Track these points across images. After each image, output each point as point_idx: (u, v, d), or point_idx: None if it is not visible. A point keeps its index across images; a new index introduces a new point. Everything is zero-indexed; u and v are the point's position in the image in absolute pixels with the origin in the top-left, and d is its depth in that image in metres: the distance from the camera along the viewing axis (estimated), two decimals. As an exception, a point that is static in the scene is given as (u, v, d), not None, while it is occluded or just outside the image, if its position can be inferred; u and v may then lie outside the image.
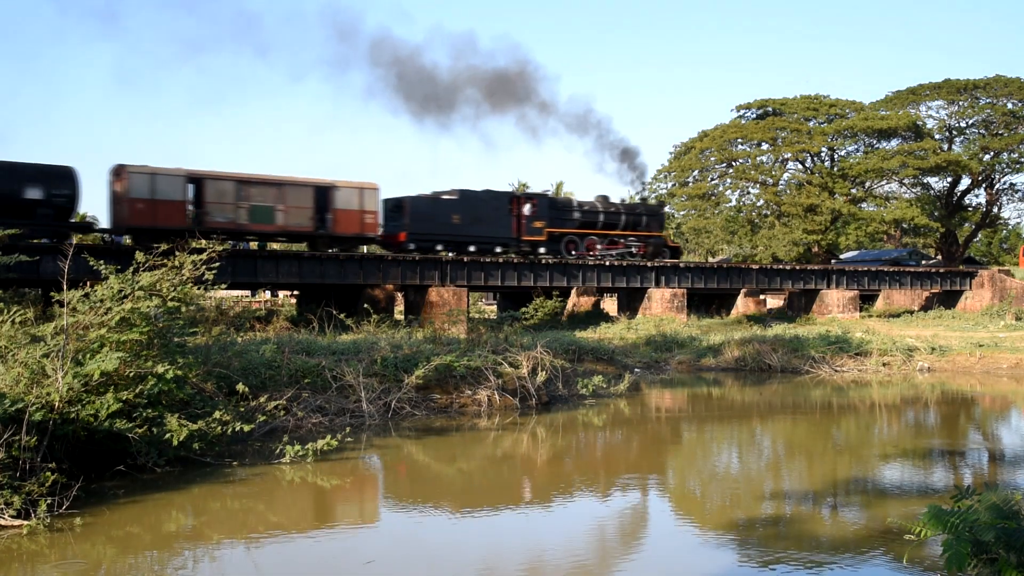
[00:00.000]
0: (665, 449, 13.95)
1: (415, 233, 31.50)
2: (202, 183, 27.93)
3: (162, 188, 27.07)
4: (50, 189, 25.21)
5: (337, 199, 29.92)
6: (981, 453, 13.85)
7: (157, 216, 26.84)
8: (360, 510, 9.90)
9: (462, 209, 32.46)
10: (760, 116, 60.52)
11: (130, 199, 26.64)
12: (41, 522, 8.23)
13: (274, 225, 29.27)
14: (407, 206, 31.62)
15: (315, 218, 29.69)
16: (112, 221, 28.12)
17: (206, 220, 27.63)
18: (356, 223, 30.30)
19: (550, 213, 34.69)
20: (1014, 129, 56.80)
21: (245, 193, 28.50)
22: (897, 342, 24.58)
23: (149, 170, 27.23)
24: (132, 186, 26.69)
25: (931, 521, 5.58)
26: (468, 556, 8.00)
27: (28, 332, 10.83)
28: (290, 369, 14.58)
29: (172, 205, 27.07)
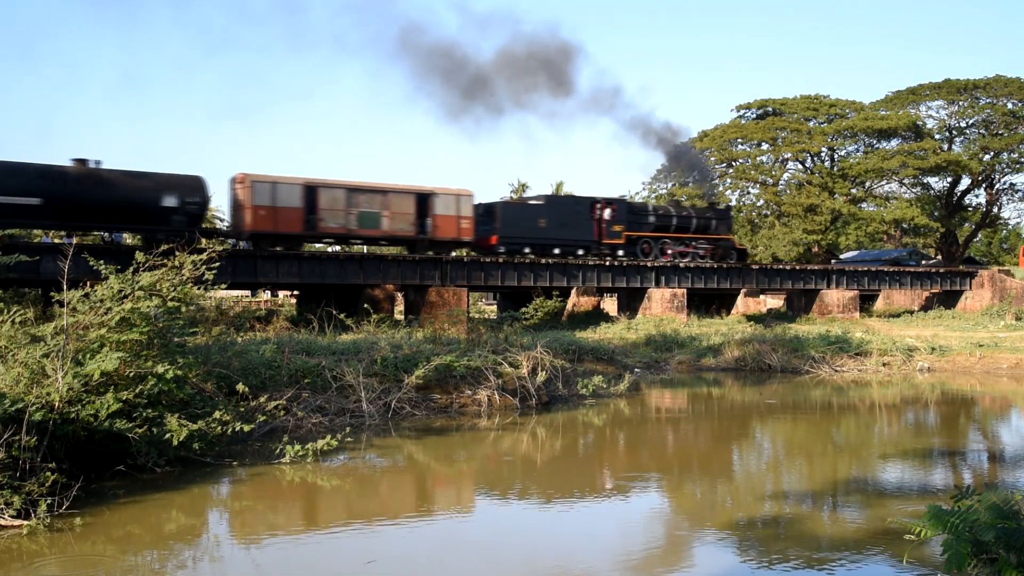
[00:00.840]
0: (665, 449, 13.95)
1: (505, 237, 33.05)
2: (316, 191, 29.48)
3: (282, 196, 28.80)
4: (184, 197, 26.86)
5: (436, 205, 31.68)
6: (981, 453, 13.85)
7: (278, 222, 28.70)
8: (360, 510, 9.89)
9: (548, 214, 34.08)
10: (760, 116, 60.54)
11: (253, 206, 28.28)
12: (41, 522, 8.23)
13: (379, 230, 30.89)
14: (498, 211, 33.36)
15: (416, 223, 31.41)
16: (233, 226, 29.74)
17: (320, 226, 29.53)
18: (453, 228, 32.00)
19: (628, 217, 35.99)
20: (1014, 129, 56.80)
21: (354, 200, 30.15)
22: (897, 342, 24.58)
23: (271, 179, 29.11)
24: (255, 194, 28.36)
25: (931, 521, 5.58)
26: (466, 556, 8.00)
27: (28, 332, 10.83)
28: (290, 369, 14.58)
29: (291, 212, 28.76)
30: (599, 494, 10.84)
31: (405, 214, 31.13)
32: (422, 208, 31.50)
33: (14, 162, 25.14)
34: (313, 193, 29.40)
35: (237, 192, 28.96)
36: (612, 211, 35.71)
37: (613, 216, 35.56)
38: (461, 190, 33.04)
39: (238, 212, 28.99)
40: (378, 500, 10.41)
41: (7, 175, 24.37)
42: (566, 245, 34.50)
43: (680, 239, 37.49)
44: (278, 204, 28.60)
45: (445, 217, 31.83)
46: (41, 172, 25.14)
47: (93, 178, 25.81)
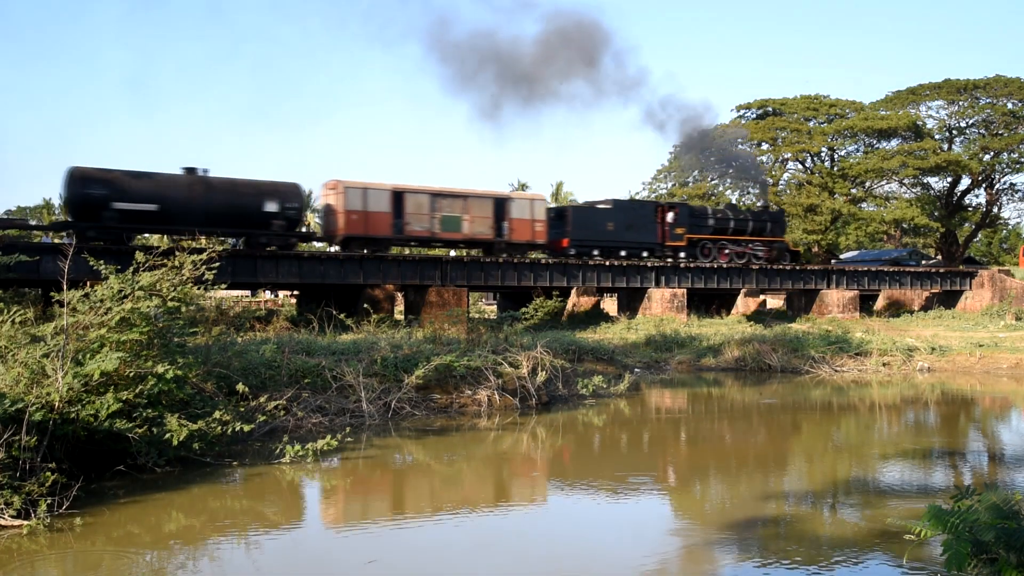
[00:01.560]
0: (664, 449, 13.95)
1: (576, 240, 34.56)
2: (403, 196, 31.07)
3: (372, 201, 30.37)
4: (283, 203, 28.65)
5: (512, 209, 33.26)
6: (981, 453, 13.84)
7: (368, 226, 30.24)
8: (361, 510, 9.89)
9: (615, 217, 35.51)
10: (760, 116, 60.57)
11: (346, 211, 29.82)
12: (41, 522, 8.23)
13: (460, 233, 32.45)
14: (569, 215, 34.87)
15: (495, 227, 33.01)
16: (325, 230, 31.01)
17: (406, 229, 31.10)
18: (528, 231, 33.48)
19: (689, 220, 37.36)
20: (1014, 129, 56.81)
21: (438, 205, 31.72)
22: (897, 342, 24.58)
23: (361, 184, 30.59)
24: (348, 199, 29.89)
25: (931, 521, 5.58)
26: (467, 556, 8.00)
27: (28, 332, 10.83)
28: (290, 369, 14.58)
29: (380, 216, 30.35)
30: (598, 494, 10.84)
31: (484, 218, 32.61)
32: (499, 212, 32.99)
33: (133, 171, 26.88)
34: (400, 198, 30.93)
35: (329, 198, 30.41)
36: (675, 214, 37.12)
37: (675, 219, 36.94)
38: (535, 195, 34.87)
39: (330, 217, 30.32)
40: (378, 500, 10.41)
41: (126, 183, 26.15)
42: (631, 247, 35.91)
43: (737, 241, 38.80)
44: (369, 209, 30.11)
45: (521, 221, 33.26)
46: (155, 180, 26.90)
47: (202, 185, 27.53)
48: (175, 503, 9.52)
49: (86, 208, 25.77)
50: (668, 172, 62.52)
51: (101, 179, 26.06)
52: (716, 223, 38.21)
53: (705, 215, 38.31)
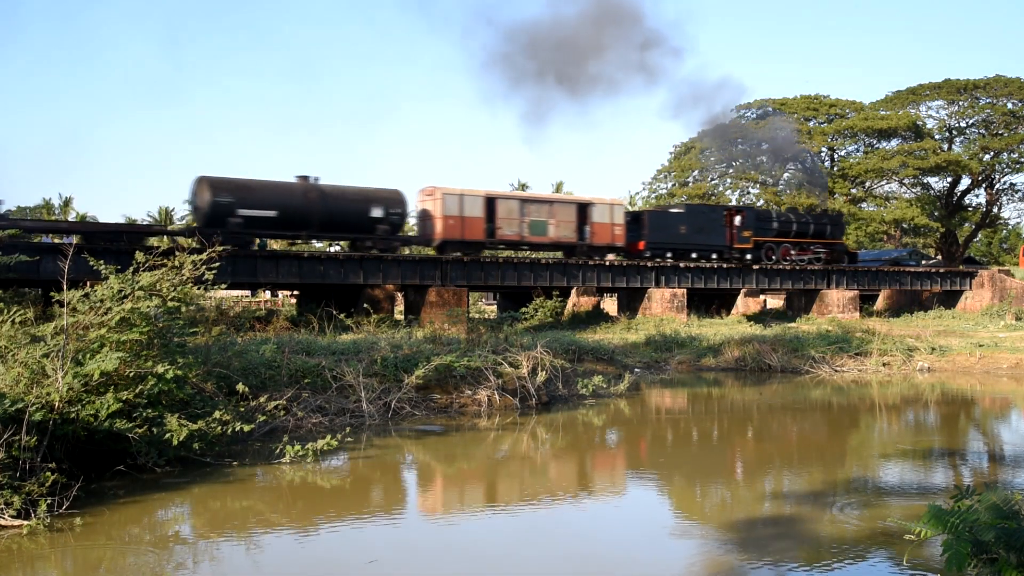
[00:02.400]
0: (664, 449, 13.94)
1: (652, 242, 36.05)
2: (495, 202, 32.90)
3: (468, 207, 32.13)
4: (388, 208, 30.41)
5: (594, 214, 34.82)
6: (981, 453, 13.84)
7: (464, 230, 31.96)
8: (361, 509, 9.89)
9: (688, 221, 36.99)
10: (760, 116, 60.55)
11: (444, 216, 31.57)
12: (41, 522, 8.22)
13: (546, 237, 34.15)
14: (645, 219, 36.48)
15: (577, 231, 34.62)
16: (422, 234, 32.82)
17: (498, 233, 32.77)
18: (608, 235, 35.08)
19: (755, 224, 38.78)
20: (1014, 129, 56.83)
21: (526, 210, 33.50)
22: (897, 342, 24.57)
23: (457, 191, 32.46)
24: (445, 205, 31.60)
25: (931, 521, 5.58)
26: (468, 555, 8.00)
27: (28, 332, 10.83)
28: (290, 369, 14.58)
29: (475, 221, 32.11)
30: (597, 494, 10.84)
31: (568, 222, 34.29)
32: (582, 217, 34.60)
33: (256, 179, 29.03)
34: (492, 204, 32.73)
35: (426, 203, 32.24)
36: (742, 218, 38.63)
37: (742, 223, 38.43)
38: (615, 200, 36.56)
39: (428, 222, 32.13)
40: (379, 500, 10.40)
41: (250, 191, 28.22)
42: (702, 249, 37.33)
43: (799, 243, 40.26)
44: (464, 214, 31.88)
45: (601, 224, 34.90)
46: (275, 188, 28.97)
47: (316, 192, 29.39)
48: (175, 503, 9.52)
49: (214, 214, 27.56)
50: (668, 172, 62.52)
51: (228, 187, 28.00)
52: (779, 226, 39.51)
53: (769, 218, 39.70)
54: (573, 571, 7.60)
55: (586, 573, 7.55)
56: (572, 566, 7.71)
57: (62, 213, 69.90)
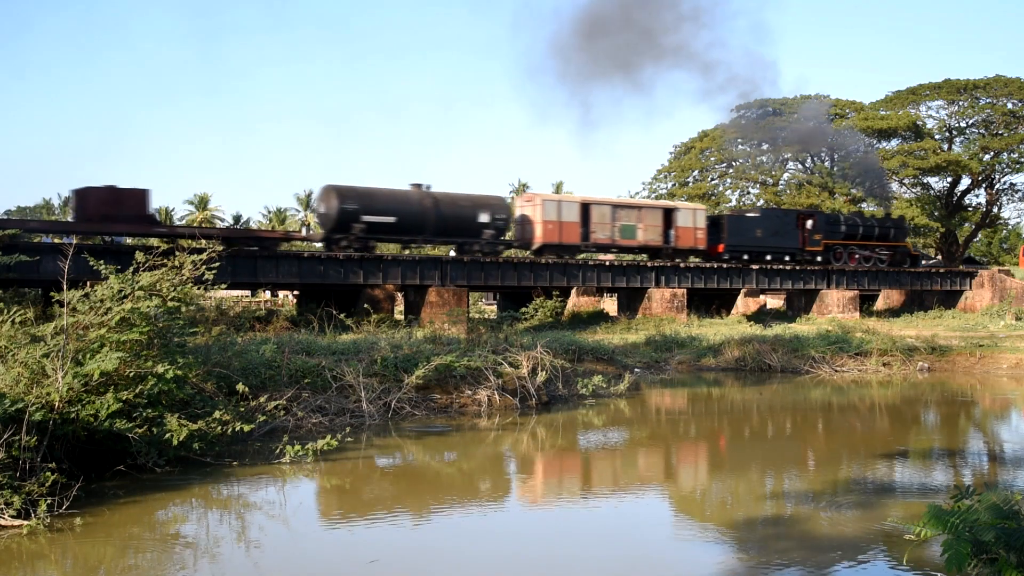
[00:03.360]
0: (664, 449, 13.94)
1: (730, 245, 38.03)
2: (589, 207, 34.82)
3: (565, 212, 34.02)
4: (494, 214, 32.33)
5: (678, 218, 36.82)
6: (981, 453, 13.85)
7: (562, 235, 33.82)
8: (361, 509, 9.89)
9: (763, 224, 38.93)
10: (760, 116, 60.52)
11: (543, 221, 33.45)
12: (41, 522, 8.22)
13: (635, 240, 36.03)
14: (725, 223, 38.35)
15: (663, 234, 36.48)
16: (521, 238, 34.43)
17: (592, 237, 34.66)
18: (691, 238, 36.91)
19: (825, 227, 40.61)
20: (1014, 129, 56.81)
21: (617, 215, 35.41)
22: (897, 342, 24.56)
23: (555, 197, 35.63)
24: (544, 210, 33.56)
25: (931, 521, 5.58)
26: (469, 555, 8.00)
27: (28, 332, 10.82)
28: (290, 369, 14.57)
29: (571, 226, 33.96)
30: (597, 493, 10.84)
31: (655, 226, 36.25)
32: (667, 221, 36.60)
33: (375, 187, 30.88)
34: (587, 209, 34.63)
35: (525, 209, 34.19)
36: (813, 222, 40.34)
37: (814, 226, 40.13)
38: (697, 205, 39.25)
39: (527, 226, 33.89)
40: (379, 499, 10.40)
41: (372, 199, 30.11)
42: (776, 252, 39.16)
43: (865, 246, 42.02)
44: (562, 219, 33.68)
45: (685, 228, 36.78)
46: (394, 195, 31.02)
47: (430, 199, 31.35)
48: (175, 503, 9.52)
49: (341, 221, 29.52)
50: (668, 172, 62.51)
51: (353, 195, 29.94)
52: (847, 229, 41.27)
53: (838, 222, 41.43)
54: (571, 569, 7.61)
55: (584, 573, 7.55)
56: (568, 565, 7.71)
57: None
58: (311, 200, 73.95)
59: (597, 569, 7.60)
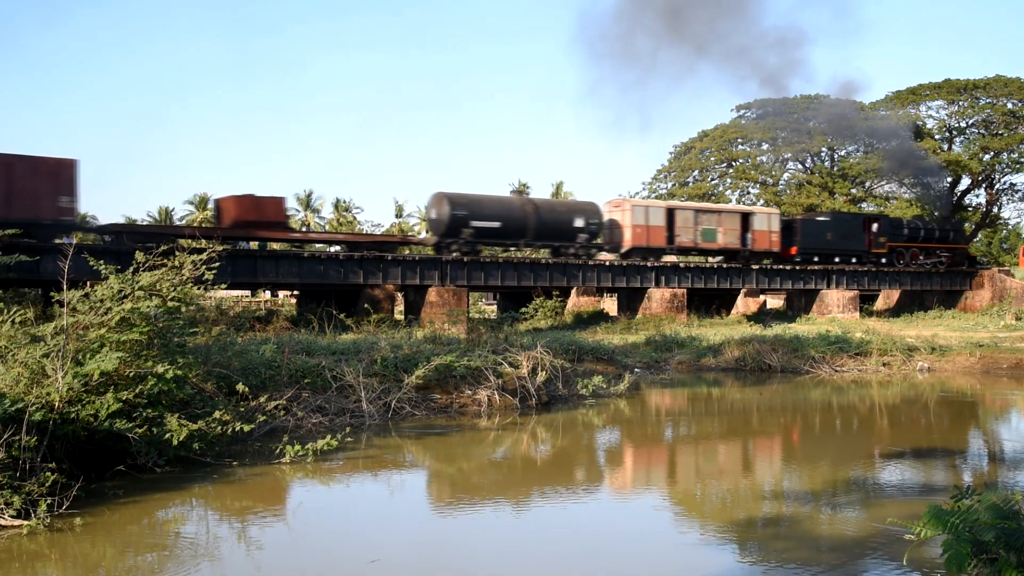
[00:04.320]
0: (664, 448, 13.95)
1: (803, 248, 39.95)
2: (674, 212, 37.00)
3: (652, 217, 36.07)
4: (587, 219, 34.35)
5: (754, 222, 38.83)
6: (981, 453, 13.85)
7: (649, 238, 35.88)
8: (362, 509, 9.90)
9: (833, 228, 40.80)
10: (760, 116, 60.52)
11: (632, 225, 35.64)
12: (41, 522, 8.22)
13: (715, 243, 37.87)
14: (798, 226, 40.21)
15: (741, 237, 38.31)
16: (610, 242, 36.23)
17: (676, 241, 36.61)
18: (766, 241, 38.84)
19: (889, 230, 42.53)
20: (1014, 129, 56.78)
21: (699, 219, 37.22)
22: (897, 342, 24.56)
23: (643, 203, 37.85)
24: (634, 215, 35.70)
25: (931, 521, 5.58)
26: (470, 554, 8.00)
27: (28, 332, 10.82)
28: (290, 369, 14.57)
29: (658, 230, 36.10)
30: (597, 493, 10.84)
31: (733, 230, 38.12)
32: (744, 225, 38.52)
33: (483, 194, 33.10)
34: (672, 214, 36.72)
35: (614, 214, 36.12)
36: (879, 225, 42.22)
37: (879, 229, 42.00)
38: (771, 210, 41.28)
39: (616, 230, 35.93)
40: (380, 499, 10.40)
41: (480, 205, 32.28)
42: (844, 254, 41.05)
43: (926, 248, 43.75)
44: (649, 223, 35.76)
45: (761, 232, 38.73)
46: (499, 201, 33.12)
47: (531, 205, 33.63)
48: (175, 503, 9.52)
49: (452, 226, 31.46)
50: (668, 172, 62.51)
51: (463, 202, 31.90)
52: (910, 232, 43.10)
53: (901, 225, 43.30)
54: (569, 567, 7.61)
55: (582, 571, 7.55)
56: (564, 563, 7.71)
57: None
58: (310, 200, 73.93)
59: (603, 569, 7.59)
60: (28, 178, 24.90)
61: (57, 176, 25.35)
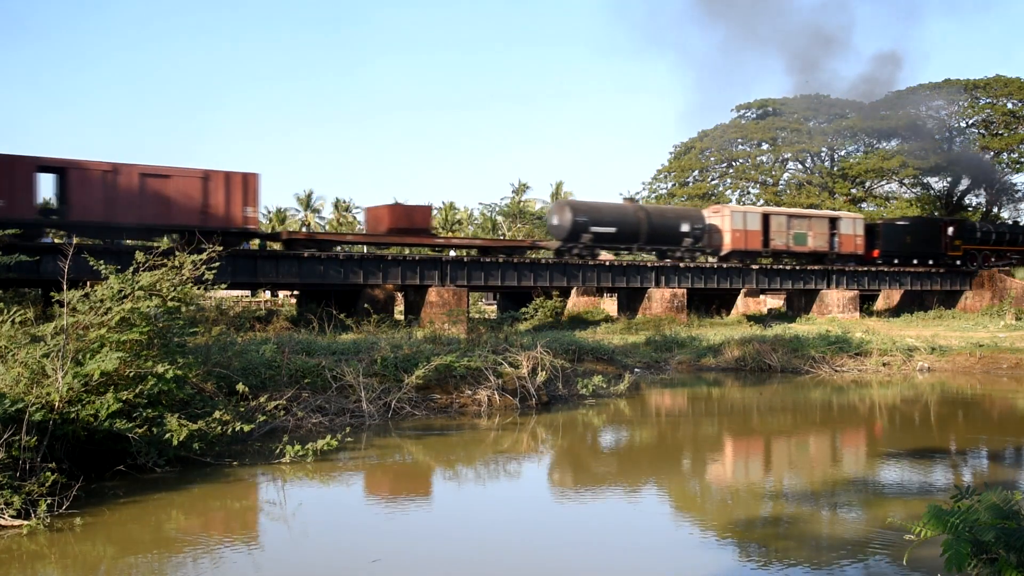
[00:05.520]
0: (664, 448, 13.94)
1: (884, 251, 42.37)
2: (769, 218, 39.35)
3: (749, 222, 38.36)
4: (692, 224, 36.57)
5: (841, 226, 41.08)
6: (981, 453, 13.85)
7: (747, 242, 38.08)
8: (362, 509, 9.90)
9: (912, 232, 43.21)
10: (760, 116, 60.55)
11: (732, 230, 37.83)
12: (41, 522, 8.23)
13: (806, 247, 40.05)
14: (880, 230, 42.68)
15: (828, 241, 40.54)
16: (710, 245, 38.01)
17: (771, 244, 38.92)
18: (852, 244, 41.06)
19: (964, 234, 44.60)
20: (1014, 129, 56.77)
21: (791, 224, 39.64)
22: (897, 342, 24.56)
23: (742, 209, 40.02)
24: (733, 221, 37.86)
25: (931, 521, 5.57)
26: (471, 554, 8.00)
27: (28, 332, 10.82)
28: (290, 369, 14.57)
29: (754, 234, 38.41)
30: (597, 493, 10.84)
31: (822, 234, 40.37)
32: (832, 229, 40.65)
33: (600, 202, 35.94)
34: (767, 219, 39.08)
35: (713, 219, 38.17)
36: (954, 229, 44.22)
37: (954, 233, 44.00)
38: (856, 215, 43.89)
39: (715, 235, 37.92)
40: (380, 499, 10.41)
41: (598, 212, 34.72)
42: (921, 256, 43.31)
43: (997, 251, 46.20)
44: (747, 228, 38.03)
45: (846, 236, 40.96)
46: (615, 208, 36.10)
47: (643, 212, 36.23)
48: (175, 503, 9.52)
49: (574, 232, 33.70)
50: (668, 172, 62.52)
51: (583, 209, 34.33)
52: (982, 236, 45.35)
53: (974, 229, 45.61)
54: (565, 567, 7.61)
55: (578, 570, 7.55)
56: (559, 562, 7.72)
57: None
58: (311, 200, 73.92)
59: (603, 569, 7.60)
60: (220, 191, 27.16)
61: (244, 187, 27.49)
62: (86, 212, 25.35)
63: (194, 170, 27.02)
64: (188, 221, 26.27)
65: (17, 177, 24.57)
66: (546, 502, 10.42)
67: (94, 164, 25.68)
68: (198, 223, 26.12)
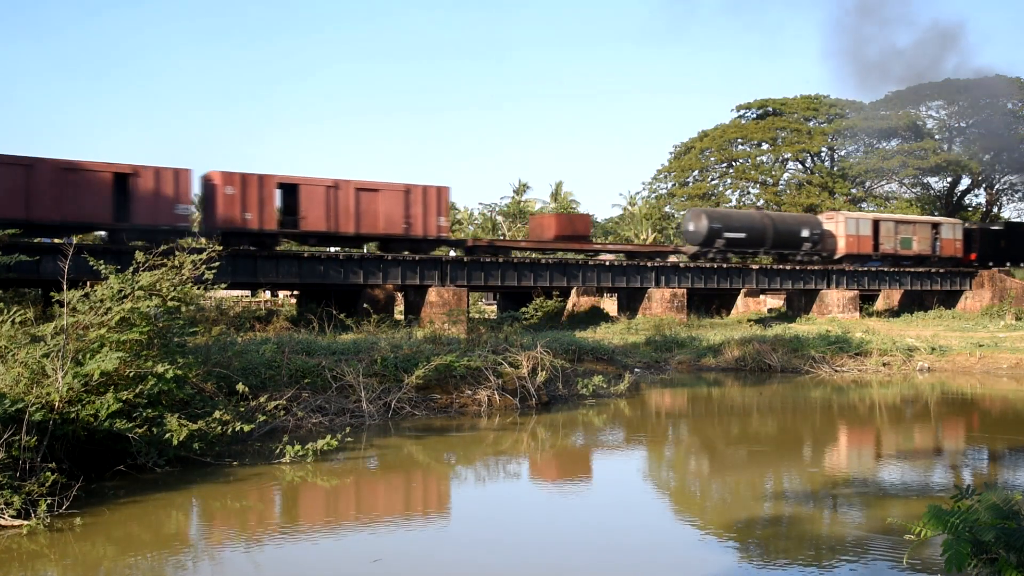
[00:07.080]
0: (665, 448, 13.95)
1: (981, 255, 44.93)
2: (878, 224, 42.03)
3: (861, 227, 41.00)
4: (811, 230, 39.45)
5: (942, 231, 43.76)
6: (981, 453, 13.85)
7: (859, 246, 40.78)
8: (363, 509, 9.90)
9: (1006, 236, 46.20)
10: (760, 116, 60.55)
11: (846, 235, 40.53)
12: (41, 522, 8.22)
13: (911, 251, 42.55)
14: (976, 235, 45.53)
15: (931, 245, 43.05)
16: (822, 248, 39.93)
17: (880, 248, 41.34)
18: (952, 248, 43.75)
19: None
20: (1014, 129, 56.74)
21: (898, 229, 42.48)
22: (897, 342, 24.56)
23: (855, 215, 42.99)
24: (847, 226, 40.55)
25: (931, 521, 5.58)
26: (471, 554, 8.00)
27: (28, 332, 10.82)
28: (290, 369, 14.57)
29: (866, 239, 41.08)
30: (597, 493, 10.84)
31: (926, 238, 42.94)
32: (935, 234, 43.41)
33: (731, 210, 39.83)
34: (877, 225, 41.61)
35: (828, 224, 40.74)
36: None
37: None
38: (955, 220, 46.36)
39: (830, 239, 40.38)
40: (380, 499, 10.41)
41: (729, 219, 37.67)
42: (1014, 260, 45.87)
43: None
44: (859, 233, 40.82)
45: (947, 240, 43.68)
46: (743, 216, 39.06)
47: (768, 219, 39.25)
48: (175, 503, 9.52)
49: (708, 238, 36.54)
50: (668, 172, 62.54)
51: (716, 216, 37.62)
52: None
53: None
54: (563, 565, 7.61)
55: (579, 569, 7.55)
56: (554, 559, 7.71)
57: None
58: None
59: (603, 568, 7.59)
60: (419, 203, 30.41)
61: (438, 199, 30.81)
62: (314, 223, 28.81)
63: (398, 184, 30.22)
64: (393, 230, 30.08)
65: (264, 193, 27.97)
66: (546, 502, 10.41)
67: (319, 180, 28.96)
68: (401, 232, 30.11)
